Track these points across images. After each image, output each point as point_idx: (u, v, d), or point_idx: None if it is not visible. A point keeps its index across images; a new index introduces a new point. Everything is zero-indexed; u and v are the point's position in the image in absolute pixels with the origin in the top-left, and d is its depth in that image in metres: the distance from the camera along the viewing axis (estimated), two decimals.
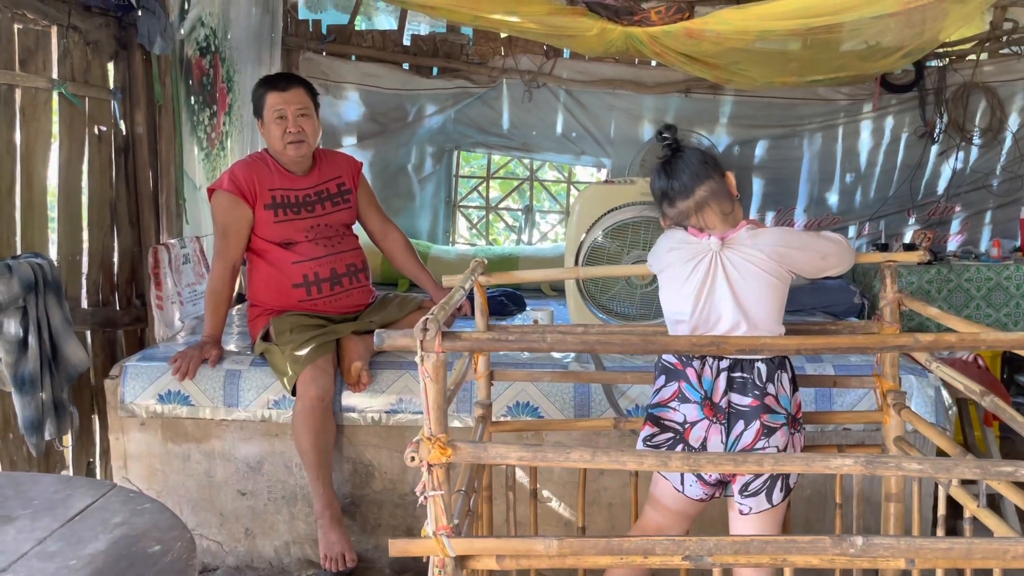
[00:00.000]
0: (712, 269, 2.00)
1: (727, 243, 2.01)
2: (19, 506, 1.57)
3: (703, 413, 1.96)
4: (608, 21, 3.28)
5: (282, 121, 2.86)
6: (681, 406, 1.98)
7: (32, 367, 2.62)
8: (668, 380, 2.02)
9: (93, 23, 3.13)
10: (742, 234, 2.02)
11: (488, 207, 5.58)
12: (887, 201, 5.12)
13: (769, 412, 1.94)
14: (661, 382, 2.04)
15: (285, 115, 2.85)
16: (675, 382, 2.00)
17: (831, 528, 2.47)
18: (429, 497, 1.48)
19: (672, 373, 2.01)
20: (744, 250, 1.99)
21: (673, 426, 1.99)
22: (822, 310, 3.89)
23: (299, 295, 2.90)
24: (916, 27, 3.27)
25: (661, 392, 2.03)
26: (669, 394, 2.00)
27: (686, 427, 1.98)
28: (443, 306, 1.57)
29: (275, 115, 2.86)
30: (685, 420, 1.98)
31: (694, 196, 2.04)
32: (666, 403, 2.01)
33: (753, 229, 2.04)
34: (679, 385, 1.99)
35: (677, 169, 2.08)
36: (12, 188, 2.78)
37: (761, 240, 2.01)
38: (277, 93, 2.87)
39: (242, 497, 2.90)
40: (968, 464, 1.45)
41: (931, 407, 2.73)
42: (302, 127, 2.87)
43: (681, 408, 1.98)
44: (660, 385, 2.04)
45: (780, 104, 5.00)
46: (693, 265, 2.01)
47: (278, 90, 2.87)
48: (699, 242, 2.03)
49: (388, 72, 4.93)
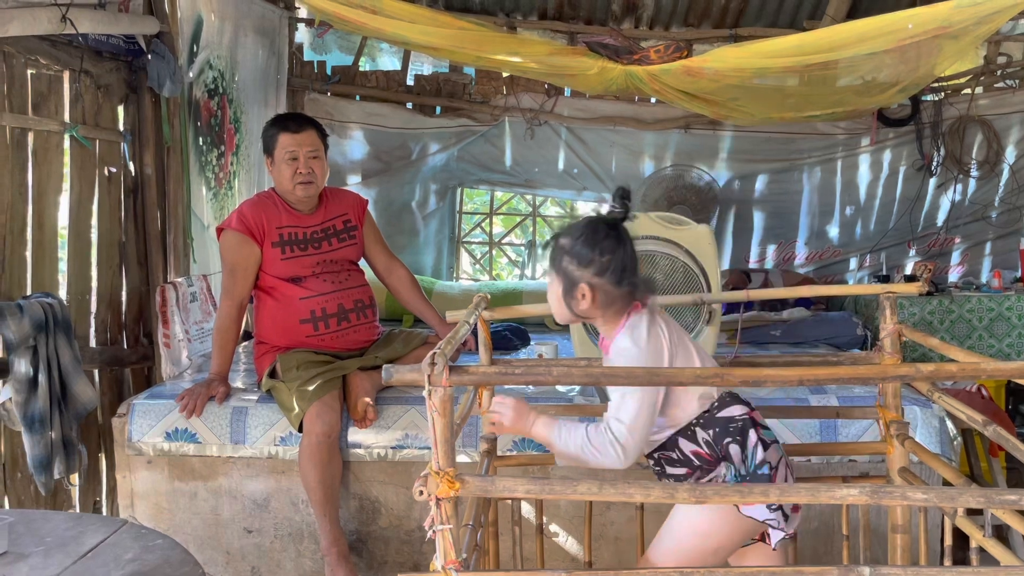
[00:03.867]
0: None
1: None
2: (32, 543, 1.58)
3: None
4: (608, 60, 3.35)
5: (293, 162, 2.91)
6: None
7: (42, 406, 2.64)
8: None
9: (104, 67, 3.20)
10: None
11: (491, 243, 5.63)
12: (887, 233, 5.16)
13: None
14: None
15: (297, 156, 2.91)
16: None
17: (838, 560, 2.47)
18: (438, 531, 1.49)
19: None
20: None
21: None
22: (825, 342, 3.91)
23: (306, 331, 2.92)
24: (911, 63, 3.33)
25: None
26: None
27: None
28: (449, 340, 1.59)
29: (287, 156, 2.91)
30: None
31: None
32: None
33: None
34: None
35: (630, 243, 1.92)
36: (24, 229, 2.83)
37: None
38: (290, 135, 2.92)
39: (248, 535, 2.90)
40: (972, 493, 1.46)
41: (936, 438, 2.74)
42: (312, 168, 2.93)
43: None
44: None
45: (779, 139, 5.07)
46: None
47: (290, 132, 2.93)
48: (653, 313, 1.94)
49: (392, 111, 5.02)
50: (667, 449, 1.95)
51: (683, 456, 1.93)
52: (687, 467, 1.93)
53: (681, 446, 1.93)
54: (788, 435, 2.76)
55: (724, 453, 1.90)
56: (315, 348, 2.92)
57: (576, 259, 1.88)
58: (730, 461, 1.89)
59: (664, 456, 1.96)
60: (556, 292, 1.93)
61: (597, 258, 1.87)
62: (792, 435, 2.77)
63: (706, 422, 1.91)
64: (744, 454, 1.88)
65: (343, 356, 2.95)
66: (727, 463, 1.89)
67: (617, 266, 1.87)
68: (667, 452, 1.95)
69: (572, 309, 1.91)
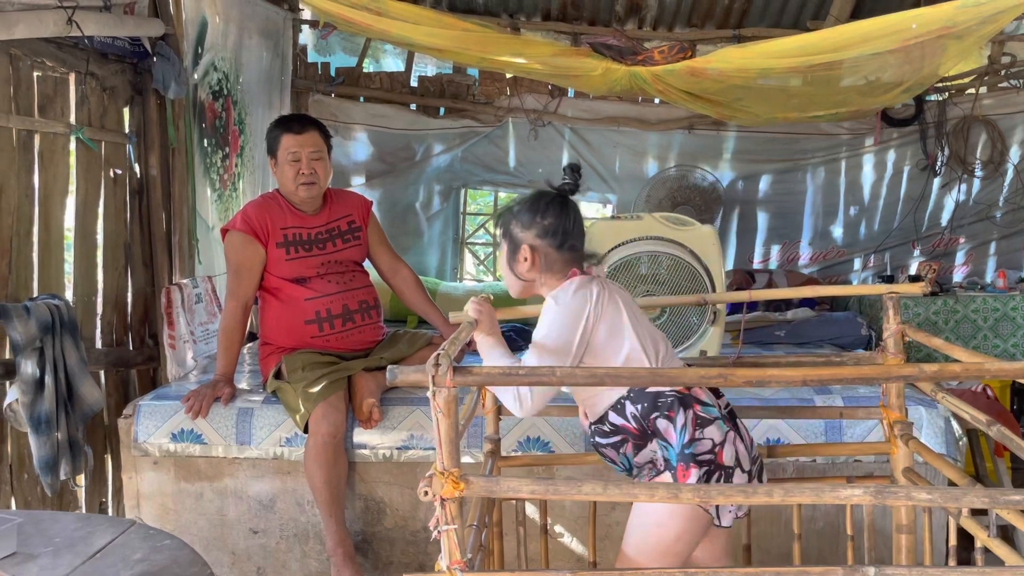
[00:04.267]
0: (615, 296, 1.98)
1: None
2: (41, 544, 1.59)
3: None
4: (612, 61, 3.35)
5: (296, 163, 2.91)
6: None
7: (48, 407, 2.65)
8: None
9: (109, 69, 3.21)
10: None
11: (495, 243, 5.64)
12: (891, 233, 5.16)
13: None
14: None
15: (299, 157, 2.91)
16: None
17: (843, 560, 2.47)
18: (443, 532, 1.49)
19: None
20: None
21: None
22: (829, 342, 3.90)
23: (311, 331, 2.93)
24: (915, 63, 3.33)
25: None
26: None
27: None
28: (453, 341, 1.60)
29: (289, 157, 2.92)
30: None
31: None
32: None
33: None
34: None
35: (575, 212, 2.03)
36: (30, 231, 2.84)
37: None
38: (292, 136, 2.93)
39: (254, 535, 2.91)
40: (977, 493, 1.46)
41: (941, 438, 2.74)
42: (315, 169, 2.93)
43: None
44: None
45: (783, 139, 5.07)
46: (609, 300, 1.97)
47: (293, 132, 2.93)
48: (591, 278, 1.99)
49: (396, 113, 5.03)
50: (600, 423, 2.00)
51: (613, 427, 1.98)
52: (617, 437, 1.98)
53: (611, 418, 1.97)
54: (793, 435, 2.76)
55: (652, 428, 1.93)
56: (320, 349, 2.93)
57: (520, 223, 2.00)
58: (660, 437, 1.91)
59: (598, 428, 2.01)
60: (503, 258, 2.04)
61: (539, 221, 1.98)
62: (797, 435, 2.77)
63: (636, 396, 1.94)
64: (675, 429, 1.89)
65: (348, 357, 2.96)
66: (659, 440, 1.92)
67: (558, 229, 1.97)
68: (600, 425, 2.00)
69: (515, 272, 2.00)
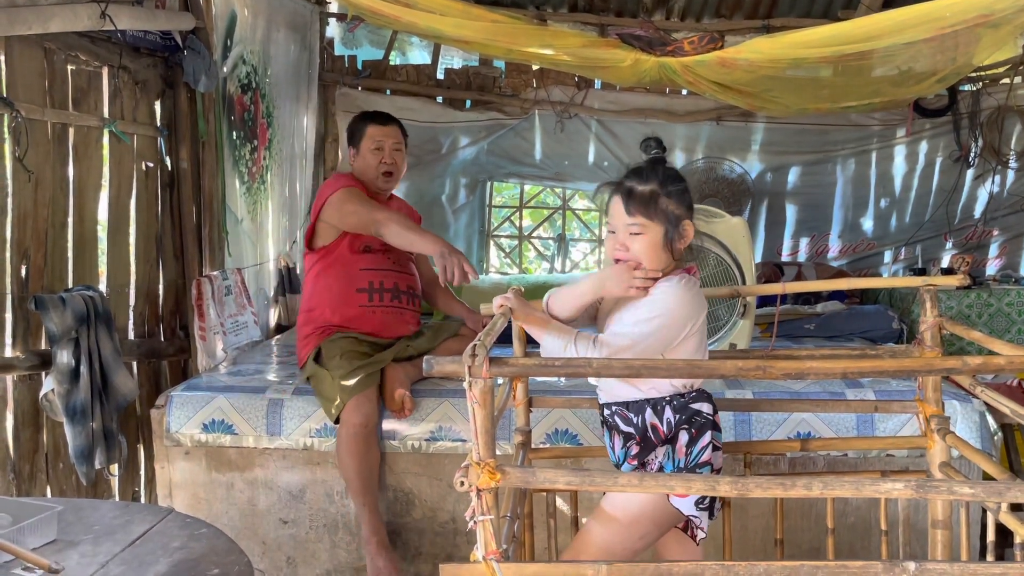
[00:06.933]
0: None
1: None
2: (81, 531, 1.61)
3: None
4: (641, 52, 3.33)
5: (379, 152, 3.10)
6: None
7: (83, 397, 2.69)
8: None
9: (141, 63, 3.24)
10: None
11: (521, 236, 5.63)
12: (923, 226, 5.09)
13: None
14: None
15: (383, 147, 3.11)
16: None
17: (876, 555, 2.45)
18: (479, 522, 1.49)
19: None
20: None
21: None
22: (860, 336, 3.87)
23: (361, 300, 3.03)
24: (949, 52, 3.28)
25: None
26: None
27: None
28: (488, 332, 1.60)
29: (373, 146, 3.11)
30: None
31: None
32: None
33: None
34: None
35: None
36: (65, 223, 2.88)
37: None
38: (378, 126, 3.13)
39: (284, 525, 2.93)
40: (1020, 488, 1.44)
41: (976, 433, 2.70)
42: (395, 160, 3.12)
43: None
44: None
45: (812, 130, 5.02)
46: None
47: (378, 123, 3.14)
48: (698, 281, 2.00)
49: (422, 105, 5.03)
50: (630, 410, 1.98)
51: (641, 424, 1.96)
52: (637, 435, 1.97)
53: (645, 415, 1.96)
54: (824, 429, 2.74)
55: (672, 436, 1.94)
56: (360, 330, 3.00)
57: (672, 196, 1.89)
58: (672, 447, 1.94)
59: (622, 414, 1.99)
60: (654, 239, 1.89)
61: (687, 196, 1.91)
62: (828, 429, 2.74)
63: (679, 406, 1.95)
64: (691, 448, 1.93)
65: (383, 344, 3.01)
66: (669, 447, 1.94)
67: (692, 204, 1.94)
68: (628, 412, 1.98)
69: (674, 251, 1.91)
